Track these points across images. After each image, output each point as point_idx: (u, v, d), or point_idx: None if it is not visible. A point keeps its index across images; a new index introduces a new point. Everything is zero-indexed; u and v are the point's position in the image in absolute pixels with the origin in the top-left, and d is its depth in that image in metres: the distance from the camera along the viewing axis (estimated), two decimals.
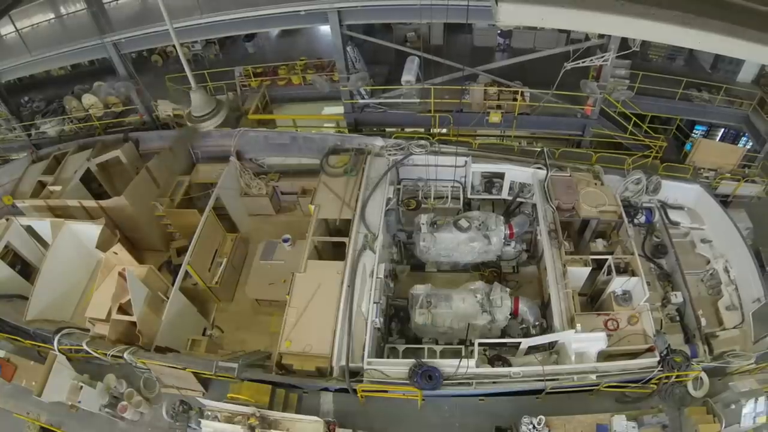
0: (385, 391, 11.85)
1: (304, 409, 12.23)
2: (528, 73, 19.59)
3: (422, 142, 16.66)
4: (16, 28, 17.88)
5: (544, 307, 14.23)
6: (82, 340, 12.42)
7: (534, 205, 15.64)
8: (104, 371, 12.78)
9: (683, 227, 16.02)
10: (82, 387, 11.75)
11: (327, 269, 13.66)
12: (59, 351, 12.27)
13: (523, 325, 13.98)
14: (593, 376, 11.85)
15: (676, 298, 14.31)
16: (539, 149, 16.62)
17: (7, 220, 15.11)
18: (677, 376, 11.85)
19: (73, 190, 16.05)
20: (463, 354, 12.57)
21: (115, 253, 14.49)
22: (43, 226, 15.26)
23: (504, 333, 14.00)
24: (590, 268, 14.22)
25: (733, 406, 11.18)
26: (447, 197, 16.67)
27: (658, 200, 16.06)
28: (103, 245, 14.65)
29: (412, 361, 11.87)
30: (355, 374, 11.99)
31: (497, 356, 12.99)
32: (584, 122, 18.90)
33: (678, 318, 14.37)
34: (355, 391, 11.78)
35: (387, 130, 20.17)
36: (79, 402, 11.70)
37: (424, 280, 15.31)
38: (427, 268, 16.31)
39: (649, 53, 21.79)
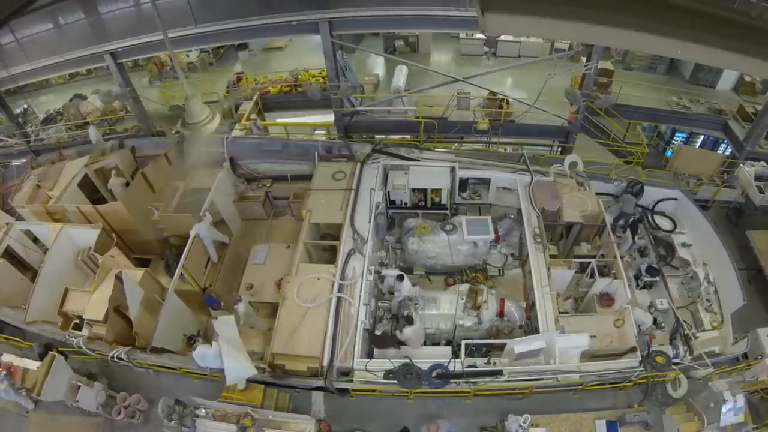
0: (374, 391, 12.15)
1: (295, 408, 12.53)
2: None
3: (410, 148, 17.09)
4: (15, 37, 18.18)
5: (529, 309, 14.53)
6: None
7: (519, 210, 16.01)
8: (102, 371, 13.13)
9: (664, 231, 16.47)
10: (80, 387, 12.00)
11: (318, 272, 14.01)
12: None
13: (509, 326, 14.30)
14: (577, 376, 12.22)
15: (662, 304, 14.71)
16: (521, 153, 17.02)
17: (7, 224, 15.43)
18: (655, 377, 12.25)
19: (70, 195, 16.33)
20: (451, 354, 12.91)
21: (112, 257, 14.78)
22: (42, 230, 15.59)
23: (490, 334, 14.31)
24: (574, 271, 14.65)
25: (712, 405, 11.56)
26: None
27: (640, 205, 16.51)
28: (100, 249, 14.94)
29: (400, 361, 12.19)
30: (346, 374, 12.31)
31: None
32: (568, 129, 19.31)
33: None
34: (340, 391, 12.13)
35: (376, 136, 20.51)
36: (77, 401, 11.96)
37: (412, 282, 15.63)
38: (416, 271, 16.63)
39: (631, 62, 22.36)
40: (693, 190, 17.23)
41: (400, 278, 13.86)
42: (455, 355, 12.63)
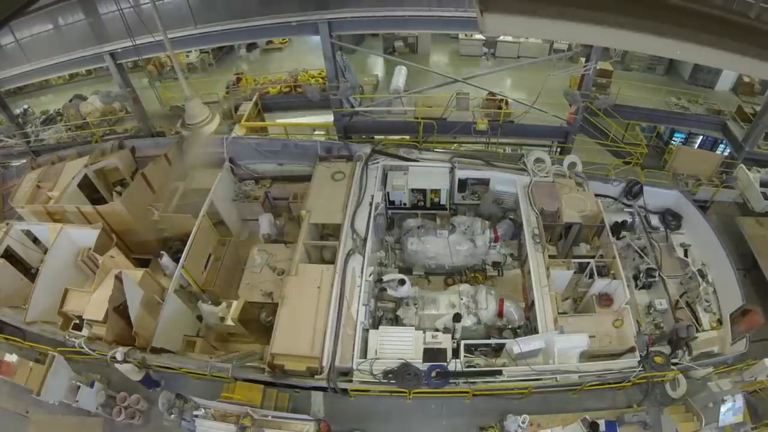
0: (373, 391, 12.19)
1: (295, 408, 12.58)
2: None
3: (409, 149, 17.11)
4: (15, 38, 18.21)
5: (528, 309, 14.56)
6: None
7: (518, 210, 16.02)
8: (102, 371, 13.17)
9: (662, 231, 16.49)
10: (80, 387, 12.03)
11: (318, 272, 14.03)
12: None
13: (509, 326, 14.32)
14: (576, 377, 12.24)
15: (661, 305, 14.68)
16: (521, 154, 17.05)
17: (7, 224, 15.46)
18: (654, 377, 12.27)
19: (70, 195, 16.34)
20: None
21: (112, 257, 14.81)
22: (42, 230, 15.63)
23: (489, 334, 14.35)
24: (573, 271, 14.66)
25: (711, 405, 11.62)
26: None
27: (639, 205, 16.54)
28: (100, 249, 14.97)
29: (400, 361, 12.17)
30: (345, 374, 12.34)
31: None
32: (567, 130, 19.35)
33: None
34: (344, 390, 12.14)
35: (376, 137, 20.55)
36: (77, 401, 11.98)
37: (411, 283, 15.64)
38: (415, 271, 16.65)
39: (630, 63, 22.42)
40: (692, 190, 17.25)
41: (402, 282, 13.89)
42: (455, 354, 12.65)
